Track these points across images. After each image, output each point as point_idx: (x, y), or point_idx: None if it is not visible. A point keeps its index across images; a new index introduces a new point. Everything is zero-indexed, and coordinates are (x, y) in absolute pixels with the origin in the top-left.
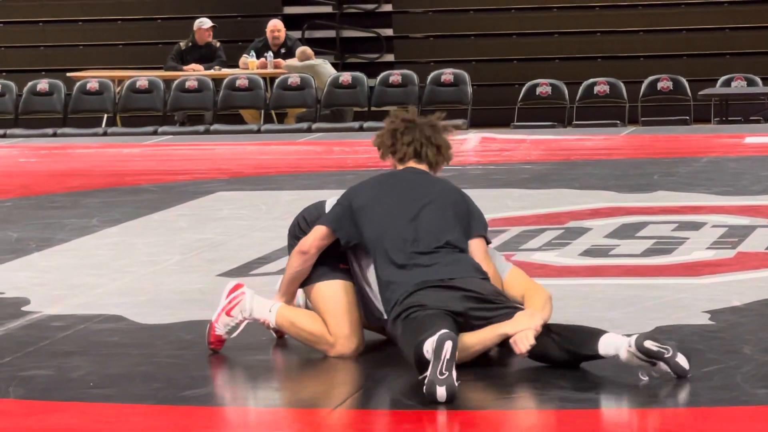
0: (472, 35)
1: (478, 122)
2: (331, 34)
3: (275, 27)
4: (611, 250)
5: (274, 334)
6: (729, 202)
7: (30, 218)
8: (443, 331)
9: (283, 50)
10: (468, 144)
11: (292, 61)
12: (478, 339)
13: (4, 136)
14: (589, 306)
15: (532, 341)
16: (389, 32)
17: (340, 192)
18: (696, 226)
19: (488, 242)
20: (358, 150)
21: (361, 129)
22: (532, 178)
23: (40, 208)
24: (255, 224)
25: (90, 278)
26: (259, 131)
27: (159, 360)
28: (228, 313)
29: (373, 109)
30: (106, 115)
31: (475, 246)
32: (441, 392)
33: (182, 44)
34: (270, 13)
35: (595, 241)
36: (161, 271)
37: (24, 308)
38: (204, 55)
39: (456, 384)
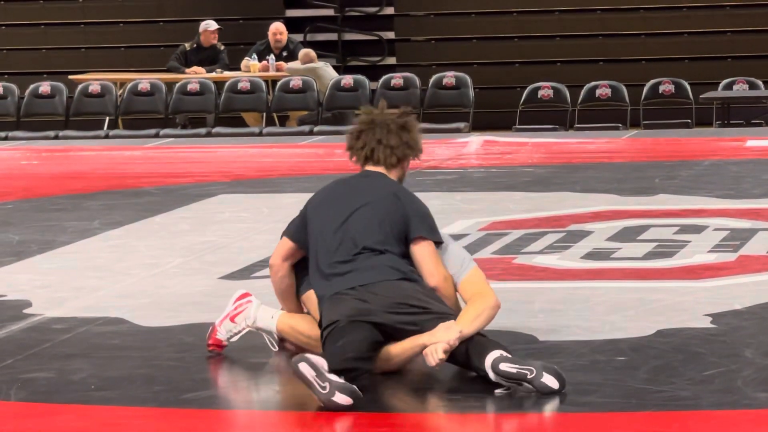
0: (473, 38)
1: (479, 125)
2: (332, 37)
3: (277, 30)
4: (613, 253)
5: (274, 349)
6: (731, 205)
7: (31, 221)
8: (294, 358)
9: (284, 53)
10: (470, 147)
11: (294, 64)
12: (400, 350)
13: (6, 138)
14: (590, 309)
15: (442, 356)
16: (391, 35)
17: None
18: (698, 230)
19: (438, 243)
20: None
21: None
22: (534, 181)
23: (42, 211)
24: (257, 227)
25: (91, 281)
26: (260, 134)
27: (160, 363)
28: (232, 320)
29: None
30: (107, 118)
31: (417, 249)
32: (341, 399)
33: (187, 45)
34: (272, 16)
35: (596, 244)
36: (163, 274)
37: (25, 311)
38: (207, 57)
39: (344, 383)
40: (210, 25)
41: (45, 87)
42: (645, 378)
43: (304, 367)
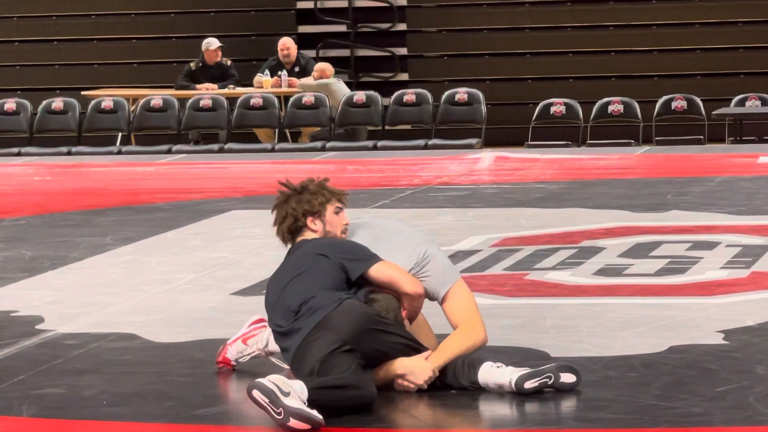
0: (486, 54)
1: (492, 141)
2: (345, 53)
3: (285, 45)
4: (625, 269)
5: (285, 366)
6: (743, 221)
7: (44, 236)
8: (249, 384)
9: (296, 69)
10: (482, 163)
11: (307, 80)
12: (381, 376)
13: (18, 154)
14: (602, 325)
15: (412, 388)
16: (403, 51)
17: (353, 212)
18: (710, 246)
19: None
20: (372, 169)
21: (375, 148)
22: (546, 197)
23: (54, 227)
24: (269, 243)
25: (103, 297)
26: (273, 150)
27: (172, 378)
28: (244, 342)
29: (387, 128)
30: (120, 134)
31: (373, 279)
32: (296, 425)
33: (192, 65)
34: (284, 31)
35: (608, 260)
36: (175, 290)
37: (37, 326)
38: (216, 74)
39: (299, 409)
40: (211, 44)
41: (58, 103)
42: (657, 394)
43: (257, 394)
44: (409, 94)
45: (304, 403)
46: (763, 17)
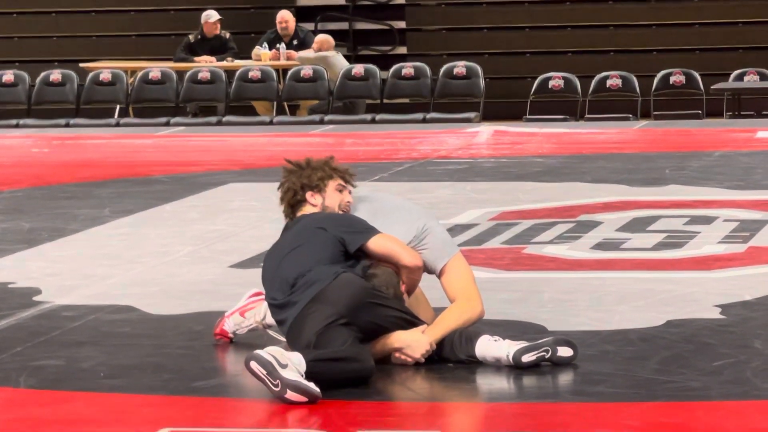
0: (485, 28)
1: (490, 115)
2: (344, 26)
3: (282, 18)
4: (622, 243)
5: (282, 339)
6: (741, 196)
7: (42, 208)
8: (247, 356)
9: (295, 42)
10: (480, 137)
11: (306, 53)
12: (378, 349)
13: (16, 126)
14: (599, 299)
15: (409, 362)
16: (402, 25)
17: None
18: (708, 221)
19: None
20: (371, 142)
21: (373, 121)
22: (544, 171)
23: (52, 199)
24: (267, 216)
25: (101, 269)
26: (271, 123)
27: (170, 351)
28: (242, 314)
29: (385, 101)
30: (118, 106)
31: (370, 252)
32: (293, 397)
33: (191, 37)
34: (283, 5)
35: (606, 234)
36: (173, 262)
37: (35, 298)
38: (214, 47)
39: (296, 381)
40: (211, 16)
41: (56, 75)
42: (654, 368)
43: (254, 366)
44: (408, 68)
45: (302, 376)
46: None
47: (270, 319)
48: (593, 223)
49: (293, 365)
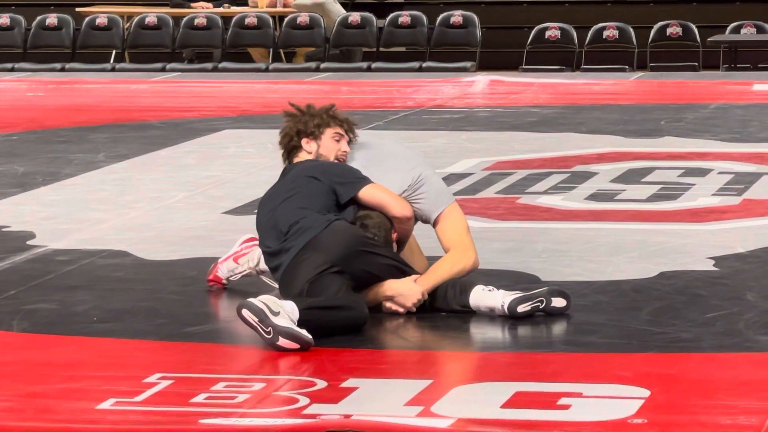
0: None
1: (486, 65)
2: None
3: None
4: (617, 194)
5: (274, 286)
6: (736, 149)
7: (36, 152)
8: (239, 303)
9: None
10: (476, 86)
11: (302, 0)
12: (370, 298)
13: (12, 69)
14: (593, 250)
15: (401, 311)
16: None
17: None
18: (702, 173)
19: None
20: (366, 90)
21: (369, 69)
22: (540, 121)
23: (47, 143)
24: (261, 162)
25: (96, 213)
26: (267, 70)
27: (163, 296)
28: (235, 260)
29: (381, 49)
30: (114, 51)
31: (363, 200)
32: (285, 344)
33: None
34: None
35: (601, 185)
36: (167, 208)
37: (29, 242)
38: None
39: (288, 328)
40: None
41: (52, 19)
42: (647, 319)
43: (246, 313)
44: (404, 16)
45: (294, 323)
46: None
47: (263, 265)
48: (588, 173)
49: (285, 312)
